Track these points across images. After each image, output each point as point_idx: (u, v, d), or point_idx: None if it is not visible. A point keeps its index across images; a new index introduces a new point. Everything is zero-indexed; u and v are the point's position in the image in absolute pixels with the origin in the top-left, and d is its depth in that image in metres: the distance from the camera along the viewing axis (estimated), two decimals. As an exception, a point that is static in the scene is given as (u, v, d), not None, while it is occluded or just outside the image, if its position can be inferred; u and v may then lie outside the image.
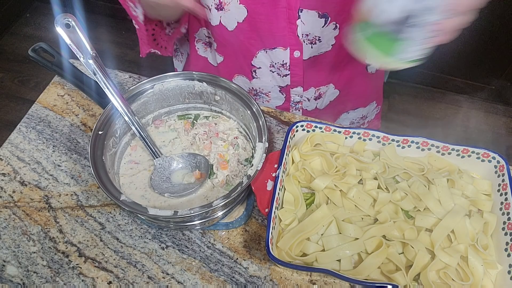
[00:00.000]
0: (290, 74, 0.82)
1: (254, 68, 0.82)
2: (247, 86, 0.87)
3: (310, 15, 0.71)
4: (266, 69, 0.82)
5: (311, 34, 0.75)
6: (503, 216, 0.62)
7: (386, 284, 0.56)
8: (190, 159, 0.68)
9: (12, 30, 2.23)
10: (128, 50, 2.15)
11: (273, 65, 0.81)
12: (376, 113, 1.04)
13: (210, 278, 0.62)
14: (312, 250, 0.60)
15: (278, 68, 0.81)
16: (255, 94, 0.88)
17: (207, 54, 0.87)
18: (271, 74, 0.83)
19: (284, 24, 0.72)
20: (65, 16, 0.58)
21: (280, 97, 0.88)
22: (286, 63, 0.79)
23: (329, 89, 0.87)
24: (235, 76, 0.86)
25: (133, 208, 0.56)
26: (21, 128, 0.76)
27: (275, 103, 0.89)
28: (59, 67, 0.70)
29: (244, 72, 0.84)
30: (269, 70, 0.82)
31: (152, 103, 0.72)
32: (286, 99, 0.88)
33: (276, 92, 0.87)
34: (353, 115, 0.97)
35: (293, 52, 0.77)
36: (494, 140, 1.90)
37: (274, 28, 0.73)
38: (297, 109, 0.90)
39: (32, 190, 0.69)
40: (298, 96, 0.87)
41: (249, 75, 0.84)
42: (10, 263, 0.62)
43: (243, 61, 0.82)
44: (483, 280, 0.58)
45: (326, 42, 0.77)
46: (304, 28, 0.73)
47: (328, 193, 0.66)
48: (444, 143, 0.68)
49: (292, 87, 0.84)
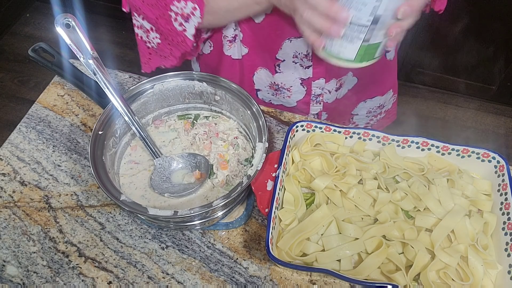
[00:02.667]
0: (312, 65, 0.81)
1: (278, 62, 0.82)
2: (270, 80, 0.87)
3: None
4: (290, 60, 0.81)
5: None
6: (503, 216, 0.62)
7: (386, 284, 0.56)
8: (190, 159, 0.68)
9: (12, 30, 2.23)
10: (128, 50, 2.15)
11: (296, 56, 0.80)
12: (393, 102, 1.03)
13: (210, 278, 0.62)
14: (312, 250, 0.60)
15: (301, 59, 0.80)
16: (276, 89, 0.88)
17: (231, 51, 0.86)
18: (294, 66, 0.82)
19: None
20: (65, 16, 0.58)
21: (301, 90, 0.87)
22: (310, 53, 0.79)
23: (348, 77, 0.87)
24: (258, 69, 0.86)
25: (133, 208, 0.56)
26: (21, 128, 0.76)
27: (296, 98, 0.89)
28: (59, 67, 0.70)
29: (268, 65, 0.84)
30: (292, 61, 0.81)
31: (152, 103, 0.72)
32: (307, 92, 0.87)
33: (297, 86, 0.86)
34: (370, 104, 0.96)
35: None
36: (494, 140, 1.90)
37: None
38: (318, 102, 0.89)
39: (32, 190, 0.69)
40: (319, 89, 0.86)
41: (272, 69, 0.84)
42: (10, 263, 0.62)
43: (268, 55, 0.82)
44: (483, 280, 0.58)
45: None
46: None
47: (328, 193, 0.66)
48: (444, 143, 0.68)
49: (314, 79, 0.84)
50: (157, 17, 0.69)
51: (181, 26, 0.68)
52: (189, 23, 0.68)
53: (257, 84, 0.89)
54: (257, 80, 0.88)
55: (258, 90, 0.90)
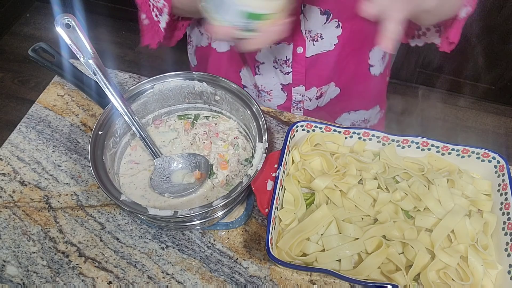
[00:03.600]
0: (292, 72, 0.82)
1: (257, 63, 0.82)
2: (252, 81, 0.87)
3: (312, 11, 0.72)
4: (269, 64, 0.82)
5: (313, 31, 0.75)
6: (503, 216, 0.62)
7: (386, 284, 0.56)
8: (190, 159, 0.68)
9: (12, 30, 2.23)
10: (128, 50, 2.15)
11: (276, 61, 0.81)
12: (379, 118, 1.03)
13: (210, 278, 0.62)
14: (312, 250, 0.60)
15: (281, 65, 0.81)
16: (258, 91, 0.88)
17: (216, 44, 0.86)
18: (274, 70, 0.83)
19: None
20: (65, 16, 0.58)
21: (282, 95, 0.87)
22: (289, 59, 0.79)
23: (330, 87, 0.87)
24: (242, 67, 0.86)
25: (133, 208, 0.56)
26: (21, 128, 0.76)
27: (276, 102, 0.89)
28: (59, 67, 0.70)
29: (249, 65, 0.85)
30: (272, 66, 0.82)
31: (152, 103, 0.72)
32: (287, 98, 0.88)
33: (278, 91, 0.86)
34: (354, 116, 0.97)
35: (296, 48, 0.77)
36: (494, 140, 1.90)
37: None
38: (298, 108, 0.89)
39: (32, 190, 0.69)
40: (299, 95, 0.86)
41: (252, 69, 0.85)
42: (10, 263, 0.62)
43: (247, 54, 0.82)
44: (483, 280, 0.58)
45: (329, 40, 0.77)
46: (307, 24, 0.74)
47: (328, 193, 0.66)
48: (444, 143, 0.68)
49: (294, 86, 0.84)
50: (141, 2, 0.71)
51: (157, 17, 0.72)
52: (162, 16, 0.71)
53: (243, 80, 0.89)
54: (243, 77, 0.88)
55: (245, 87, 0.91)
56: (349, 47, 0.79)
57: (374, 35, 0.79)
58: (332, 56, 0.80)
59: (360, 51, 0.83)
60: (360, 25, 0.75)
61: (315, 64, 0.81)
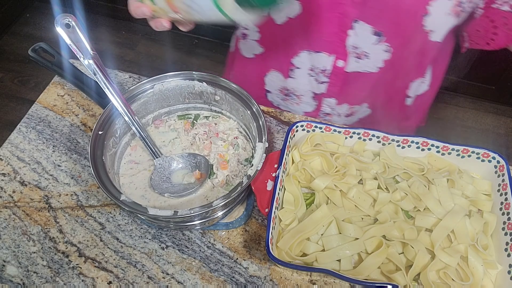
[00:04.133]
0: (328, 83, 0.79)
1: (292, 67, 0.80)
2: (281, 84, 0.85)
3: (364, 28, 0.68)
4: (305, 71, 0.79)
5: (360, 48, 0.72)
6: (503, 216, 0.62)
7: (386, 284, 0.56)
8: (190, 159, 0.68)
9: (12, 30, 2.23)
10: (128, 50, 2.16)
11: (313, 69, 0.78)
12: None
13: (210, 278, 0.62)
14: (312, 250, 0.60)
15: (317, 74, 0.78)
16: (286, 94, 0.86)
17: (242, 48, 0.85)
18: (309, 77, 0.80)
19: (335, 30, 0.70)
20: (65, 16, 0.58)
21: (312, 104, 0.85)
22: (327, 70, 0.77)
23: (362, 107, 0.85)
24: (270, 71, 0.84)
25: (133, 208, 0.56)
26: (21, 128, 0.77)
27: (304, 108, 0.87)
28: (59, 67, 0.70)
29: (281, 68, 0.82)
30: (307, 73, 0.79)
31: (152, 103, 0.72)
32: (316, 107, 0.85)
33: (308, 98, 0.84)
34: None
35: (336, 61, 0.75)
36: (494, 140, 1.90)
37: (324, 31, 0.71)
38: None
39: (32, 190, 0.69)
40: (329, 108, 0.84)
41: (285, 72, 0.82)
42: (10, 263, 0.62)
43: (283, 57, 0.80)
44: (483, 280, 0.58)
45: (374, 62, 0.74)
46: (354, 39, 0.71)
47: (328, 193, 0.66)
48: (444, 143, 0.68)
49: (326, 97, 0.82)
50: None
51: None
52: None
53: (268, 85, 0.87)
54: (269, 81, 0.86)
55: (268, 92, 0.88)
56: (393, 74, 0.76)
57: (420, 66, 0.78)
58: (373, 78, 0.77)
59: (402, 80, 0.80)
60: (410, 54, 0.73)
61: (353, 82, 0.78)
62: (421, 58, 0.76)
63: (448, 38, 0.71)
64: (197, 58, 2.15)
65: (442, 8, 0.63)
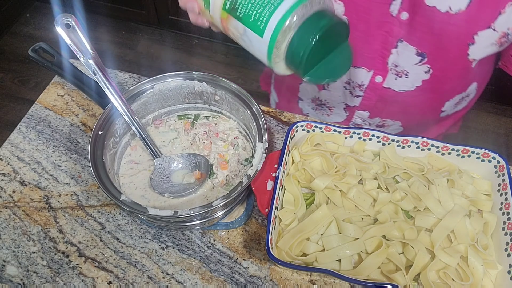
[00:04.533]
0: (362, 97, 0.78)
1: None
2: (313, 94, 0.84)
3: (408, 49, 0.68)
4: (341, 84, 0.78)
5: (400, 67, 0.71)
6: (503, 216, 0.62)
7: (386, 284, 0.56)
8: (190, 159, 0.68)
9: (12, 30, 2.23)
10: (128, 50, 2.16)
11: (349, 83, 0.77)
12: None
13: (210, 278, 0.62)
14: (312, 250, 0.60)
15: (353, 87, 0.78)
16: (318, 104, 0.85)
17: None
18: (344, 90, 0.79)
19: (378, 47, 0.70)
20: (65, 16, 0.58)
21: (342, 114, 0.84)
22: (364, 85, 0.76)
23: (395, 124, 0.84)
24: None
25: (133, 208, 0.56)
26: (21, 128, 0.77)
27: (334, 119, 0.85)
28: (59, 67, 0.70)
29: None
30: (343, 86, 0.78)
31: (152, 103, 0.72)
32: (347, 118, 0.85)
33: (340, 109, 0.83)
34: None
35: (375, 77, 0.74)
36: (494, 140, 1.90)
37: (367, 48, 0.71)
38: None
39: (32, 190, 0.69)
40: (360, 119, 0.83)
41: (320, 85, 0.81)
42: (10, 263, 0.62)
43: None
44: (483, 280, 0.58)
45: (412, 81, 0.73)
46: (396, 58, 0.70)
47: (328, 193, 0.66)
48: (444, 143, 0.68)
49: (359, 110, 0.81)
50: None
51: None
52: None
53: (301, 92, 0.86)
54: (303, 89, 0.85)
55: (300, 99, 0.88)
56: (430, 93, 0.76)
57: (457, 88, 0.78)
58: (409, 96, 0.76)
59: (438, 100, 0.79)
60: (449, 77, 0.72)
61: (389, 98, 0.77)
62: (459, 80, 0.75)
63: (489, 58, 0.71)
64: (197, 58, 2.15)
65: (488, 38, 0.63)
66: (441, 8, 0.60)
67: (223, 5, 0.48)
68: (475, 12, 0.60)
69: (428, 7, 0.61)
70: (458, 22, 0.61)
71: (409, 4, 0.63)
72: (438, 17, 0.61)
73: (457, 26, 0.62)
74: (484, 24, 0.61)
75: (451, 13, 0.60)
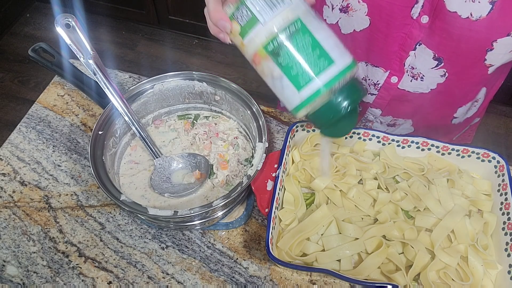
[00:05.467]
0: (376, 95, 0.79)
1: None
2: None
3: (425, 52, 0.68)
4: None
5: (417, 69, 0.71)
6: (503, 216, 0.62)
7: (386, 284, 0.56)
8: (190, 159, 0.68)
9: (12, 30, 2.23)
10: (128, 50, 2.16)
11: (365, 79, 0.78)
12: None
13: (210, 278, 0.62)
14: (312, 250, 0.60)
15: (368, 85, 0.78)
16: None
17: None
18: None
19: (396, 49, 0.70)
20: (65, 16, 0.58)
21: None
22: (379, 84, 0.76)
23: (406, 123, 0.84)
24: None
25: (133, 208, 0.56)
26: (21, 128, 0.77)
27: None
28: (59, 67, 0.70)
29: None
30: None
31: (152, 103, 0.72)
32: (359, 114, 0.84)
33: None
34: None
35: (391, 77, 0.74)
36: (494, 140, 1.90)
37: (385, 49, 0.71)
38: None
39: (32, 190, 0.69)
40: (372, 116, 0.84)
41: None
42: (10, 263, 0.62)
43: None
44: (483, 280, 0.58)
45: (428, 84, 0.73)
46: (413, 60, 0.70)
47: (328, 193, 0.66)
48: (444, 143, 0.68)
49: (372, 107, 0.82)
50: None
51: None
52: None
53: None
54: None
55: None
56: (444, 97, 0.75)
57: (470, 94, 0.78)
58: (423, 99, 0.76)
59: (451, 104, 0.80)
60: (464, 82, 0.72)
61: (402, 98, 0.77)
62: (473, 86, 0.76)
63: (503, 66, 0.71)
64: (197, 58, 2.15)
65: (507, 46, 0.63)
66: (462, 14, 0.60)
67: (265, 45, 0.46)
68: (496, 19, 0.60)
69: (449, 12, 0.61)
70: (478, 29, 0.61)
71: (430, 8, 0.63)
72: (459, 23, 0.61)
73: (477, 33, 0.62)
74: (504, 31, 0.61)
75: (472, 19, 0.60)
